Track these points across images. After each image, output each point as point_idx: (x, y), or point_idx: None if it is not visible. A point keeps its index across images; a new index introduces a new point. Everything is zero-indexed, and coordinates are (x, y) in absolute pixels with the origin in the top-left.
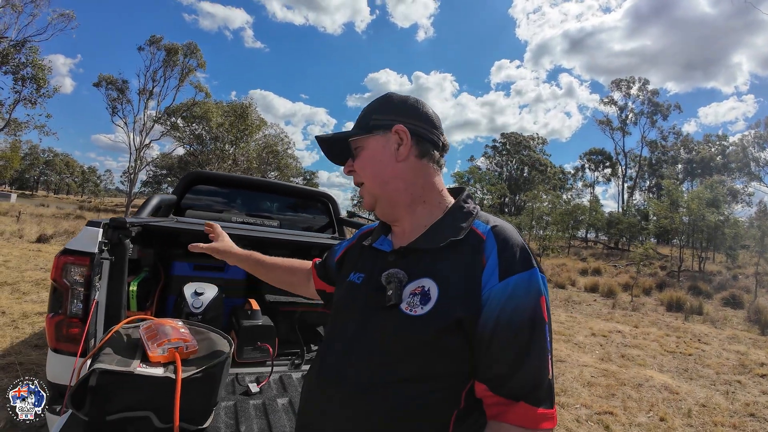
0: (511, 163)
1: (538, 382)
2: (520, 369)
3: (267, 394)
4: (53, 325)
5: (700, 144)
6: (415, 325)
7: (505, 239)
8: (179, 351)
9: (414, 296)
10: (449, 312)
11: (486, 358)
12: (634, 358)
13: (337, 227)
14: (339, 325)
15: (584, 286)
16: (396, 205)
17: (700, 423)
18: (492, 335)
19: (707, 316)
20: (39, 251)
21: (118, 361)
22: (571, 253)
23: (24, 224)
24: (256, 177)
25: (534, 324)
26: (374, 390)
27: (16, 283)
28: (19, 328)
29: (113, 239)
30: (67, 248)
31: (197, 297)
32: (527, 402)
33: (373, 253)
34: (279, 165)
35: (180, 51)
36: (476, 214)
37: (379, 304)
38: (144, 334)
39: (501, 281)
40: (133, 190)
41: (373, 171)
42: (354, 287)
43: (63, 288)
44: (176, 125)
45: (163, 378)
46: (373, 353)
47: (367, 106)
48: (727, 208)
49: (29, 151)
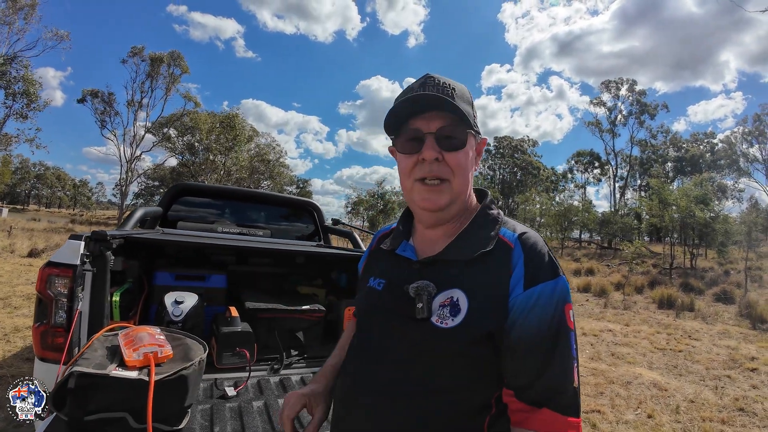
0: (503, 167)
1: (562, 389)
2: (545, 375)
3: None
4: (39, 334)
5: (688, 142)
6: (446, 338)
7: (532, 247)
8: (154, 355)
9: (443, 308)
10: (480, 324)
11: (512, 365)
12: (624, 356)
13: (322, 235)
14: (368, 332)
15: (577, 287)
16: (458, 212)
17: (688, 419)
18: (518, 343)
19: (698, 313)
20: (30, 266)
21: (95, 365)
22: (564, 254)
23: (15, 239)
24: (244, 187)
25: (559, 332)
26: (409, 398)
27: (8, 298)
28: (11, 341)
29: (95, 251)
30: (51, 261)
31: (177, 305)
32: (551, 408)
33: (395, 259)
34: (271, 174)
35: (164, 60)
36: (502, 221)
37: (408, 315)
38: (122, 340)
39: (527, 290)
40: (125, 202)
41: (467, 174)
42: (375, 294)
43: (47, 299)
44: (168, 136)
45: (136, 380)
46: (406, 363)
47: (461, 92)
48: (717, 205)
49: (20, 165)
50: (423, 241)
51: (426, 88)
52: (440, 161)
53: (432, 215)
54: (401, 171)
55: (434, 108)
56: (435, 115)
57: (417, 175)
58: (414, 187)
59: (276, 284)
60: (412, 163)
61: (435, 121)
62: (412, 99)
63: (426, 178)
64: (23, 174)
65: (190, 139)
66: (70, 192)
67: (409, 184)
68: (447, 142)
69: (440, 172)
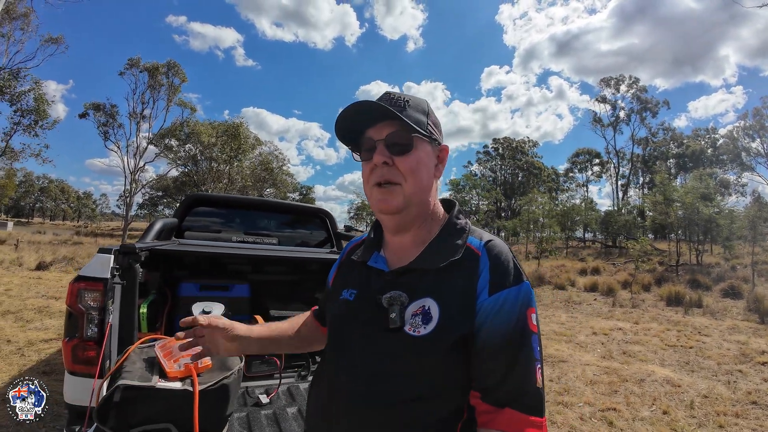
0: (505, 168)
1: (525, 390)
2: (509, 377)
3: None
4: (70, 348)
5: (690, 138)
6: (420, 345)
7: (497, 255)
8: (194, 366)
9: (416, 317)
10: (452, 330)
11: (479, 368)
12: (636, 354)
13: (335, 242)
14: (341, 344)
15: (584, 286)
16: (417, 216)
17: (703, 414)
18: (483, 346)
19: (707, 309)
20: (39, 279)
21: (140, 377)
22: (569, 253)
23: (22, 252)
24: (254, 197)
25: (523, 335)
26: (386, 408)
27: (20, 311)
28: (25, 355)
29: (124, 264)
30: (81, 275)
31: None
32: (513, 408)
33: (365, 270)
34: (275, 182)
35: (160, 70)
36: (469, 230)
37: (382, 326)
38: (160, 352)
39: (492, 295)
40: (130, 213)
41: (422, 178)
42: (348, 305)
43: (78, 313)
44: (170, 146)
45: (181, 391)
46: (382, 374)
47: (414, 104)
48: (720, 200)
49: (24, 178)
50: (393, 251)
51: (379, 101)
52: (390, 165)
53: (391, 219)
54: (363, 179)
55: (385, 118)
56: (385, 125)
57: (373, 180)
58: (372, 192)
59: (293, 291)
60: (369, 170)
61: (385, 129)
62: (356, 108)
63: (381, 183)
64: (27, 187)
65: (191, 148)
66: (74, 204)
67: (368, 189)
68: (396, 147)
69: (391, 175)
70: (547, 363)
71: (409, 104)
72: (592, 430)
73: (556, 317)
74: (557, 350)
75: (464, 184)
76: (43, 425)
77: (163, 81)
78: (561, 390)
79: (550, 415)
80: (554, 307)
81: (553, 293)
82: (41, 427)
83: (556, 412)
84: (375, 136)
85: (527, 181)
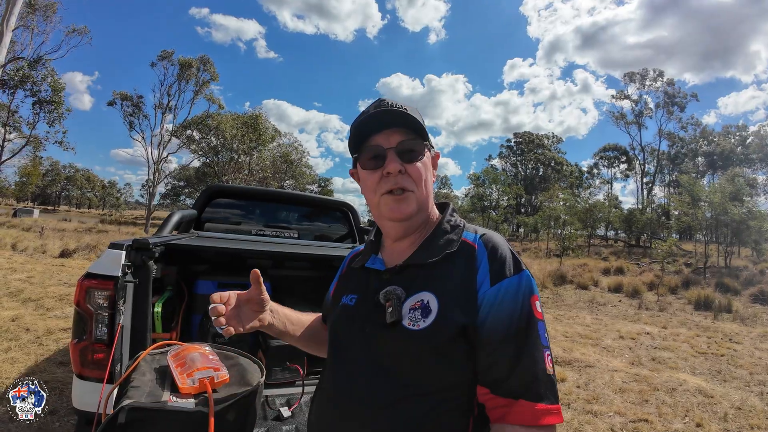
0: (526, 163)
1: (536, 378)
2: (518, 367)
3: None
4: (78, 351)
5: (720, 135)
6: (419, 339)
7: (494, 246)
8: (210, 381)
9: (414, 311)
10: (451, 321)
11: (485, 360)
12: (665, 360)
13: (357, 236)
14: (342, 347)
15: (608, 286)
16: (422, 221)
17: (737, 427)
18: (490, 337)
19: (737, 314)
20: (62, 266)
21: (148, 395)
22: (591, 252)
23: (47, 239)
24: (275, 188)
25: (529, 322)
26: (390, 407)
27: (40, 299)
28: (43, 344)
29: (137, 261)
30: (90, 272)
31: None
32: (526, 399)
33: (365, 273)
34: (294, 174)
35: (194, 65)
36: (463, 227)
37: (380, 322)
38: (172, 362)
39: (493, 286)
40: (153, 202)
41: (428, 183)
42: (348, 309)
43: (87, 313)
44: (192, 138)
45: (195, 412)
46: (384, 371)
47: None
48: (749, 201)
49: (51, 167)
50: (390, 252)
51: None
52: (403, 173)
53: (400, 226)
54: (367, 188)
55: (392, 125)
56: (393, 132)
57: (383, 189)
58: (381, 201)
59: (317, 289)
60: (377, 178)
61: (394, 137)
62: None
63: (393, 191)
64: (54, 176)
65: (212, 140)
66: (99, 193)
67: (376, 198)
68: (408, 155)
69: (405, 183)
70: (573, 367)
71: (408, 111)
72: None
73: (580, 318)
74: (583, 354)
75: (484, 179)
76: (57, 419)
77: (194, 74)
78: (589, 398)
79: (579, 426)
80: (578, 308)
81: (575, 293)
82: (55, 421)
83: (586, 421)
84: (384, 144)
85: (549, 177)
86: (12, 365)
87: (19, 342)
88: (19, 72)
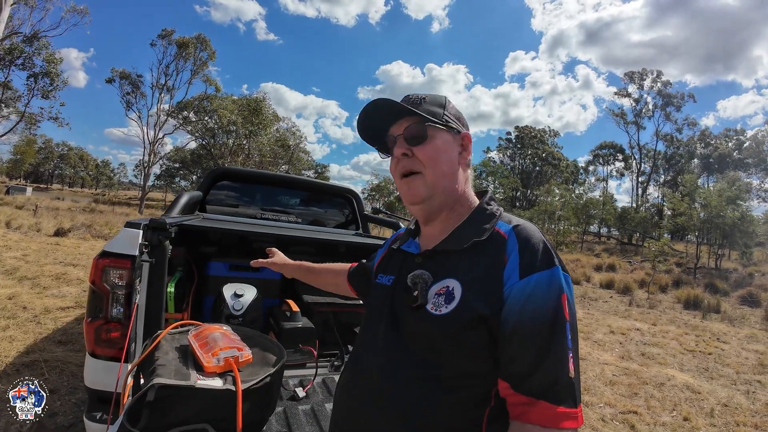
0: (524, 157)
1: (558, 380)
2: (540, 366)
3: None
4: (93, 329)
5: (718, 138)
6: (439, 323)
7: (527, 238)
8: (234, 360)
9: (439, 296)
10: (472, 309)
11: (507, 355)
12: (654, 356)
13: (361, 223)
14: (372, 326)
15: (599, 282)
16: (444, 204)
17: (723, 423)
18: (513, 332)
19: (725, 315)
20: (57, 245)
21: (176, 374)
22: (584, 248)
23: (41, 218)
24: (280, 173)
25: (555, 322)
26: (406, 385)
27: (37, 278)
28: (41, 323)
29: (153, 241)
30: (107, 251)
31: (237, 299)
32: (547, 400)
33: (401, 255)
34: (291, 159)
35: (191, 45)
36: (499, 216)
37: (408, 304)
38: (195, 341)
39: (522, 279)
40: (147, 183)
41: (442, 165)
42: (383, 289)
43: (103, 291)
44: (188, 119)
45: (224, 390)
46: (404, 352)
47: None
48: (742, 205)
49: (44, 145)
50: (425, 237)
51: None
52: (410, 156)
53: (419, 209)
54: (392, 175)
55: (402, 115)
56: (404, 120)
57: (398, 173)
58: (400, 185)
59: None
60: (394, 164)
61: (403, 125)
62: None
63: (404, 174)
64: (47, 154)
65: (208, 122)
66: (93, 172)
67: (397, 183)
68: (414, 139)
69: (412, 165)
70: None
71: (425, 101)
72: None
73: None
74: None
75: (481, 171)
76: (58, 398)
77: (191, 54)
78: (581, 388)
79: None
80: None
81: None
82: (56, 400)
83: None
84: (395, 132)
85: (545, 172)
86: (11, 343)
87: (17, 320)
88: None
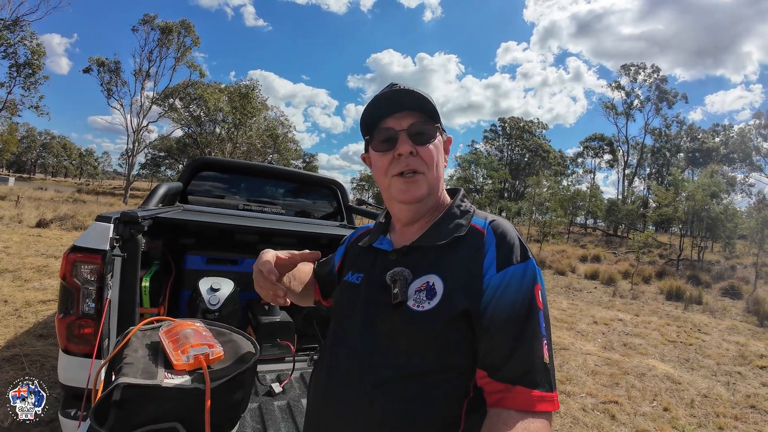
0: (512, 148)
1: (534, 366)
2: (516, 353)
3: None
4: (64, 326)
5: (706, 133)
6: (423, 320)
7: (503, 233)
8: (205, 357)
9: (420, 293)
10: (455, 304)
11: (485, 344)
12: (636, 347)
13: (345, 215)
14: (344, 325)
15: (584, 273)
16: (432, 205)
17: (703, 413)
18: (490, 322)
19: (706, 306)
20: (39, 236)
21: (143, 372)
22: (570, 239)
23: (23, 208)
24: (264, 163)
25: (529, 311)
26: (388, 386)
27: (18, 270)
28: (22, 317)
29: (125, 235)
30: (77, 245)
31: (213, 293)
32: (523, 385)
33: (372, 252)
34: (279, 148)
35: (174, 30)
36: (473, 212)
37: (385, 303)
38: (165, 338)
39: (499, 272)
40: (132, 172)
41: (439, 166)
42: (353, 287)
43: (74, 287)
44: (174, 107)
45: (192, 389)
46: (384, 351)
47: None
48: (725, 198)
49: (26, 133)
50: (400, 234)
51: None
52: (415, 155)
53: (409, 210)
54: (378, 170)
55: (404, 108)
56: (405, 115)
57: (394, 171)
58: (392, 183)
59: None
60: (388, 161)
61: (406, 120)
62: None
63: (403, 172)
64: (29, 143)
65: (195, 109)
66: (76, 161)
67: (387, 181)
68: (419, 137)
69: (416, 165)
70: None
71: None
72: (595, 422)
73: (557, 303)
74: (559, 337)
75: (470, 161)
76: None
77: (174, 40)
78: (563, 378)
79: None
80: (555, 293)
81: (553, 278)
82: None
83: (559, 401)
84: (396, 126)
85: (534, 163)
86: None
87: None
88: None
